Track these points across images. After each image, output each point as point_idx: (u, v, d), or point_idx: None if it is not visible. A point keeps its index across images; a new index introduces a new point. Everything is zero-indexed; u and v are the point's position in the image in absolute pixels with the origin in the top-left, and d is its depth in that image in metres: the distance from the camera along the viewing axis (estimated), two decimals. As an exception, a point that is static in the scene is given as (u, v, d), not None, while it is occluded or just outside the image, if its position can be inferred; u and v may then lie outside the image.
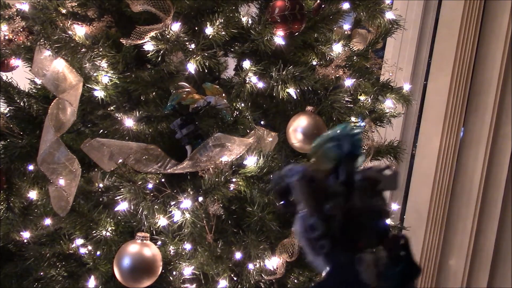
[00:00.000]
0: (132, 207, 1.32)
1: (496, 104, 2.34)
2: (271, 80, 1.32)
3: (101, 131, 1.38)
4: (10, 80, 1.42)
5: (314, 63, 1.50)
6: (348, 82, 1.44)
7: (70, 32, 1.26)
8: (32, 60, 1.34)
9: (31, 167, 1.37)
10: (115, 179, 1.36)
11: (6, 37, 1.41)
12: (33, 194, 1.41)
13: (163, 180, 1.33)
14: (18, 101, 1.39)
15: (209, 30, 1.27)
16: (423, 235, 2.38)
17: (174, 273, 1.37)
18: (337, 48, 1.49)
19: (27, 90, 1.43)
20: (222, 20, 1.27)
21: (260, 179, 1.31)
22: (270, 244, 1.36)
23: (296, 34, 1.37)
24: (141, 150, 1.26)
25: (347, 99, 1.44)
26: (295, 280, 1.48)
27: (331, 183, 0.65)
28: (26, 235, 1.42)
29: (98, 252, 1.36)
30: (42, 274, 1.42)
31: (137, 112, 1.36)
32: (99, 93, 1.32)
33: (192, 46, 1.25)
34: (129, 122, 1.34)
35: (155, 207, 1.29)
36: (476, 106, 2.42)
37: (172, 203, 1.28)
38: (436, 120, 2.39)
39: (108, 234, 1.33)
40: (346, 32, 1.69)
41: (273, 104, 1.49)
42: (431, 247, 2.42)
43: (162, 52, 1.22)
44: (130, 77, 1.31)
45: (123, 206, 1.33)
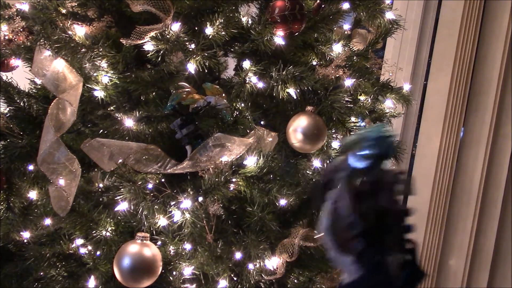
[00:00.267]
0: (132, 207, 1.32)
1: (496, 104, 2.34)
2: (271, 80, 1.32)
3: (101, 131, 1.38)
4: (10, 80, 1.42)
5: (314, 63, 1.50)
6: (348, 82, 1.44)
7: (70, 32, 1.26)
8: (32, 60, 1.34)
9: (31, 167, 1.37)
10: (115, 179, 1.36)
11: (6, 37, 1.41)
12: (33, 194, 1.41)
13: (163, 180, 1.33)
14: (18, 101, 1.39)
15: (209, 30, 1.27)
16: (423, 235, 2.38)
17: (174, 273, 1.37)
18: (337, 48, 1.49)
19: (27, 90, 1.43)
20: (222, 20, 1.27)
21: (260, 179, 1.31)
22: (270, 244, 1.36)
23: (296, 34, 1.36)
24: (141, 150, 1.26)
25: (347, 99, 1.44)
26: (295, 280, 1.48)
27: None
28: (26, 235, 1.42)
29: (98, 252, 1.36)
30: (42, 274, 1.42)
31: (137, 112, 1.36)
32: (99, 93, 1.32)
33: (192, 46, 1.25)
34: (129, 122, 1.34)
35: (155, 207, 1.29)
36: (476, 106, 2.42)
37: (172, 203, 1.28)
38: (436, 120, 2.39)
39: (108, 234, 1.33)
40: (346, 32, 1.69)
41: (273, 104, 1.49)
42: (431, 247, 2.42)
43: (162, 52, 1.22)
44: (130, 77, 1.31)
45: (123, 206, 1.33)
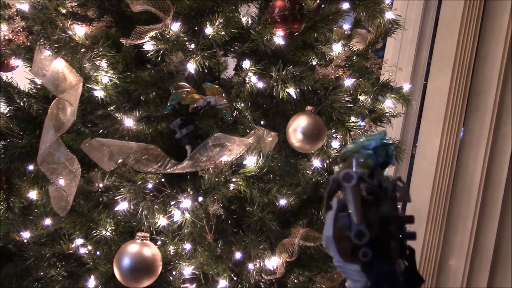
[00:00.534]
0: (132, 207, 1.32)
1: (496, 104, 2.34)
2: (271, 80, 1.32)
3: (101, 131, 1.38)
4: (10, 80, 1.42)
5: (314, 63, 1.50)
6: (348, 82, 1.44)
7: (70, 32, 1.26)
8: (32, 60, 1.34)
9: (31, 167, 1.37)
10: (115, 179, 1.36)
11: (6, 37, 1.41)
12: (33, 194, 1.41)
13: (163, 180, 1.33)
14: (18, 101, 1.40)
15: (209, 30, 1.27)
16: (423, 235, 2.38)
17: (174, 273, 1.37)
18: (337, 48, 1.49)
19: (27, 90, 1.43)
20: (222, 20, 1.27)
21: (260, 179, 1.31)
22: (270, 244, 1.36)
23: (296, 34, 1.36)
24: (141, 150, 1.26)
25: (347, 99, 1.44)
26: (295, 280, 1.48)
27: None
28: (26, 235, 1.41)
29: (98, 252, 1.36)
30: (42, 274, 1.42)
31: (137, 112, 1.36)
32: (99, 93, 1.32)
33: (192, 46, 1.25)
34: (129, 122, 1.34)
35: (155, 207, 1.29)
36: (476, 106, 2.42)
37: (172, 203, 1.28)
38: (436, 120, 2.39)
39: (108, 234, 1.33)
40: (346, 32, 1.68)
41: (273, 104, 1.49)
42: (431, 247, 2.42)
43: (162, 52, 1.22)
44: (130, 77, 1.31)
45: (123, 206, 1.33)
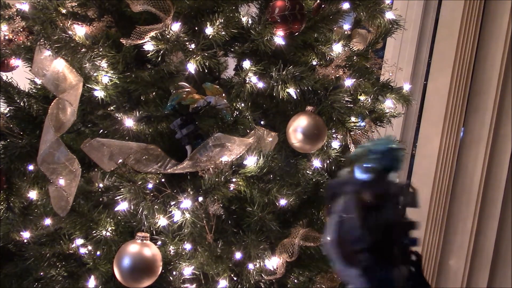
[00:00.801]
0: (132, 207, 1.32)
1: (496, 104, 2.34)
2: (271, 80, 1.32)
3: (101, 131, 1.38)
4: (10, 80, 1.42)
5: (314, 63, 1.50)
6: (348, 82, 1.44)
7: (70, 32, 1.25)
8: (32, 60, 1.35)
9: (31, 167, 1.37)
10: (115, 179, 1.36)
11: (6, 37, 1.41)
12: (33, 194, 1.42)
13: (163, 180, 1.33)
14: (18, 101, 1.40)
15: (209, 30, 1.27)
16: (423, 235, 2.38)
17: (174, 273, 1.37)
18: (337, 48, 1.49)
19: (27, 90, 1.43)
20: (222, 20, 1.27)
21: (260, 179, 1.31)
22: (270, 244, 1.36)
23: (296, 34, 1.36)
24: (141, 150, 1.26)
25: (347, 99, 1.43)
26: (295, 280, 1.48)
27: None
28: (26, 235, 1.42)
29: (98, 252, 1.36)
30: (42, 274, 1.42)
31: (137, 112, 1.36)
32: (99, 93, 1.32)
33: (192, 46, 1.25)
34: (129, 122, 1.34)
35: (155, 207, 1.29)
36: (476, 106, 2.42)
37: (172, 203, 1.28)
38: (436, 120, 2.39)
39: (108, 234, 1.33)
40: (346, 32, 1.68)
41: (273, 104, 1.49)
42: (431, 247, 2.42)
43: (162, 52, 1.22)
44: (130, 77, 1.31)
45: (123, 206, 1.33)
